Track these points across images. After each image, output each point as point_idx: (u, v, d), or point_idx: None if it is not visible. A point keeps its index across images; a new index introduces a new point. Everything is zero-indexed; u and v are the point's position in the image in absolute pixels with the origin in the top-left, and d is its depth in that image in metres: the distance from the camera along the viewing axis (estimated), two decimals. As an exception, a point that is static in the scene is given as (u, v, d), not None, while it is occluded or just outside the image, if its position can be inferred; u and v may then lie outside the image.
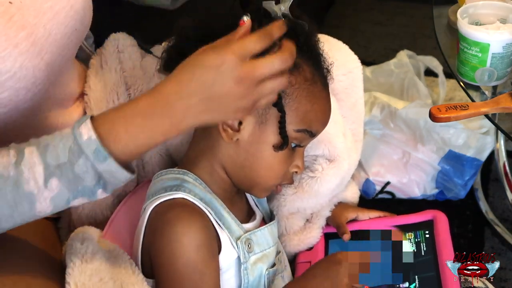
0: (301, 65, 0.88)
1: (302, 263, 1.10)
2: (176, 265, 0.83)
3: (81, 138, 0.73)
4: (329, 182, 1.06)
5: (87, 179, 0.75)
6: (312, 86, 0.89)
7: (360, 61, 1.11)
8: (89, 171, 0.74)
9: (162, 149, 1.07)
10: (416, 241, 1.07)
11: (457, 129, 1.51)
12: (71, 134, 0.74)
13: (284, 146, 0.89)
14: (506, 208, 1.54)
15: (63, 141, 0.74)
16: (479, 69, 1.09)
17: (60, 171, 0.74)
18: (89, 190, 0.76)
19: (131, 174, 0.77)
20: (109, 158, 0.73)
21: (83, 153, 0.73)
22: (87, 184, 0.75)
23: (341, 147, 1.06)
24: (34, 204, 0.74)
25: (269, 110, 0.87)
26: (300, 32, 0.89)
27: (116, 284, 0.82)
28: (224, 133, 0.88)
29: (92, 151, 0.73)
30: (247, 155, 0.90)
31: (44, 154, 0.74)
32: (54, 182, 0.74)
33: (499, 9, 1.13)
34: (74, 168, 0.74)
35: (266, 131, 0.88)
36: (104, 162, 0.74)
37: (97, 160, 0.73)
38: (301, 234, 1.11)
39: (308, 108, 0.89)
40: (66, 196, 0.75)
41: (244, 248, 0.91)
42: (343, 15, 2.43)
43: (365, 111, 1.53)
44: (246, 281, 0.92)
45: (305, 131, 0.90)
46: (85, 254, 0.83)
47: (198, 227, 0.85)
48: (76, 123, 0.75)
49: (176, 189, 0.89)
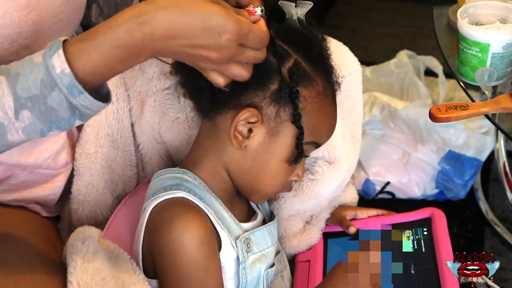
0: (315, 79, 0.88)
1: (301, 262, 1.10)
2: (179, 264, 0.83)
3: (54, 70, 0.69)
4: (329, 184, 1.06)
5: (61, 111, 0.71)
6: (324, 100, 0.89)
7: (359, 63, 1.11)
8: (63, 103, 0.71)
9: (162, 150, 1.07)
10: (416, 238, 1.07)
11: (457, 129, 1.51)
12: (42, 64, 0.70)
13: (298, 160, 0.89)
14: (506, 208, 1.54)
15: (34, 72, 0.70)
16: (479, 69, 1.09)
17: (31, 103, 0.70)
18: (65, 121, 0.73)
19: (107, 102, 0.74)
20: (84, 92, 0.70)
21: (56, 86, 0.70)
22: (61, 116, 0.72)
23: (340, 149, 1.06)
24: (5, 135, 0.72)
25: (281, 123, 0.87)
26: (315, 43, 0.88)
27: (118, 283, 0.82)
28: (234, 140, 0.88)
29: (65, 85, 0.69)
30: (254, 162, 0.90)
31: (13, 85, 0.70)
32: (26, 114, 0.71)
33: (499, 9, 1.13)
34: (47, 100, 0.70)
35: (276, 142, 0.89)
36: (79, 96, 0.70)
37: (71, 95, 0.70)
38: (301, 235, 1.11)
39: (318, 121, 0.90)
40: (39, 127, 0.73)
41: (243, 247, 0.91)
42: (343, 15, 2.43)
43: (365, 111, 1.54)
44: (245, 281, 0.92)
45: (313, 143, 0.91)
46: (86, 253, 0.83)
47: (198, 224, 0.85)
48: (47, 50, 0.70)
49: (176, 188, 0.89)
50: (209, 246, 0.85)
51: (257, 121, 0.87)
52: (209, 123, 0.92)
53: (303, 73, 0.86)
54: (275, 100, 0.86)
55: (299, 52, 0.87)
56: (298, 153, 0.89)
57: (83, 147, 1.00)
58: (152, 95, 1.02)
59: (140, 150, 1.06)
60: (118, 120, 1.01)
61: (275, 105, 0.86)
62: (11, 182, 0.94)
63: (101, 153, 1.01)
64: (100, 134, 1.00)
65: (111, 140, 1.02)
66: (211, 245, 0.86)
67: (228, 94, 0.84)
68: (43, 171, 0.97)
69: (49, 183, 1.00)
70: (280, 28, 0.87)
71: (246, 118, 0.87)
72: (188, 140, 1.04)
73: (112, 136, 1.01)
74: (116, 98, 1.01)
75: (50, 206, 1.03)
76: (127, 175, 1.05)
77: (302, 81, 0.86)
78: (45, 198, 1.01)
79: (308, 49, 0.87)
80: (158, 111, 1.03)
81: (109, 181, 1.03)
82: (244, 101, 0.87)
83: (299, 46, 0.87)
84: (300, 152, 0.89)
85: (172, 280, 0.84)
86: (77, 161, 1.00)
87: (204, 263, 0.84)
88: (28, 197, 0.98)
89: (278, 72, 0.85)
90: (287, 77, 0.85)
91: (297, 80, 0.85)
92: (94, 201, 1.02)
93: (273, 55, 0.84)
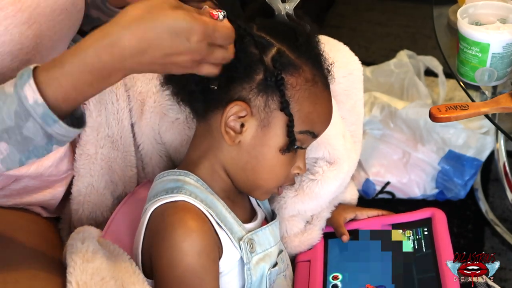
0: (300, 66, 0.88)
1: (302, 262, 1.10)
2: (175, 270, 0.84)
3: (27, 101, 0.69)
4: (330, 184, 1.06)
5: (38, 140, 0.72)
6: (314, 87, 0.89)
7: (360, 63, 1.11)
8: (39, 132, 0.71)
9: (162, 151, 1.07)
10: (417, 238, 1.07)
11: (457, 129, 1.51)
12: (14, 95, 0.70)
13: (291, 148, 0.89)
14: (506, 208, 1.54)
15: (7, 104, 0.70)
16: (479, 69, 1.09)
17: (7, 134, 0.71)
18: (42, 148, 0.74)
19: (82, 127, 0.75)
20: (58, 121, 0.71)
21: (30, 116, 0.70)
22: (38, 144, 0.73)
23: (341, 149, 1.06)
24: None
25: (271, 113, 0.87)
26: (300, 33, 0.89)
27: (117, 283, 0.82)
28: (226, 136, 0.88)
29: (39, 116, 0.70)
30: (249, 157, 0.90)
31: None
32: (3, 145, 0.72)
33: (499, 9, 1.13)
34: (23, 131, 0.71)
35: (268, 133, 0.88)
36: (54, 125, 0.71)
37: (45, 124, 0.71)
38: (302, 235, 1.11)
39: (310, 109, 0.89)
40: (18, 157, 0.73)
41: (246, 248, 0.91)
42: (343, 15, 2.43)
43: (365, 111, 1.54)
44: (250, 282, 0.92)
45: (307, 132, 0.90)
46: (86, 253, 0.83)
47: (199, 232, 0.85)
48: (18, 80, 0.71)
49: (177, 191, 0.89)
50: (207, 256, 0.85)
51: (246, 114, 0.87)
52: (203, 124, 0.93)
53: (287, 61, 0.87)
54: (262, 91, 0.86)
55: (283, 42, 0.87)
56: (291, 141, 0.88)
57: (83, 148, 1.00)
58: (152, 96, 1.02)
59: (140, 150, 1.06)
60: (118, 120, 1.01)
61: (263, 95, 0.87)
62: (13, 187, 0.94)
63: (101, 154, 1.01)
64: (100, 135, 1.00)
65: (111, 141, 1.01)
66: (210, 254, 0.86)
67: (216, 91, 0.85)
68: (45, 178, 0.97)
69: (50, 189, 1.00)
70: (264, 22, 0.89)
71: (235, 112, 0.87)
72: (188, 140, 1.04)
73: (112, 137, 1.01)
74: (116, 99, 1.01)
75: (51, 209, 1.03)
76: (127, 175, 1.05)
77: (287, 68, 0.86)
78: (46, 202, 1.01)
79: (293, 39, 0.88)
80: (158, 112, 1.03)
81: (109, 182, 1.03)
82: (233, 96, 0.87)
83: (283, 36, 0.88)
84: (293, 140, 0.88)
85: (167, 285, 0.85)
86: (77, 162, 1.00)
87: (200, 273, 0.84)
88: (28, 202, 0.98)
89: (261, 62, 0.85)
90: (270, 65, 0.85)
91: (281, 68, 0.85)
92: (94, 202, 1.02)
93: (255, 47, 0.85)
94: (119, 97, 1.01)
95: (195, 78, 0.82)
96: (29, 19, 0.81)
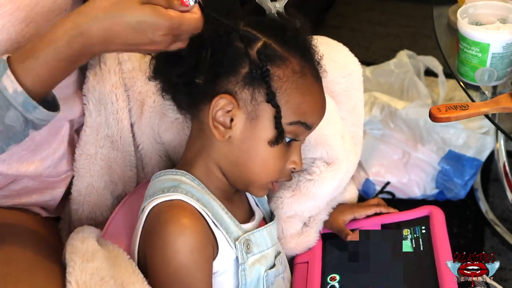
0: (288, 58, 0.88)
1: (300, 264, 1.10)
2: (167, 267, 0.84)
3: (6, 91, 0.73)
4: (327, 185, 1.06)
5: (17, 126, 0.76)
6: (302, 78, 0.89)
7: (360, 63, 1.11)
8: (19, 119, 0.75)
9: (161, 150, 1.07)
10: (414, 236, 1.07)
11: (457, 129, 1.51)
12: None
13: (280, 140, 0.88)
14: (506, 208, 1.54)
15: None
16: (479, 69, 1.09)
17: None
18: (20, 134, 0.77)
19: (58, 110, 0.79)
20: (38, 107, 0.74)
21: (11, 106, 0.74)
22: (17, 130, 0.76)
23: (339, 149, 1.06)
24: None
25: (258, 105, 0.87)
26: (290, 28, 0.89)
27: (117, 283, 0.82)
28: (215, 131, 0.88)
29: (20, 104, 0.74)
30: (240, 152, 0.89)
31: None
32: None
33: (499, 9, 1.13)
34: (5, 120, 0.74)
35: (257, 126, 0.88)
36: (34, 111, 0.75)
37: (26, 111, 0.74)
38: (298, 238, 1.10)
39: (300, 100, 0.89)
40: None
41: (242, 249, 0.91)
42: (343, 15, 2.43)
43: (365, 111, 1.54)
44: (244, 283, 0.91)
45: (298, 123, 0.90)
46: (85, 253, 0.83)
47: (192, 230, 0.85)
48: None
49: (174, 190, 0.88)
50: (200, 254, 0.85)
51: (233, 107, 0.87)
52: (196, 122, 0.93)
53: (273, 53, 0.87)
54: (248, 83, 0.86)
55: (270, 35, 0.88)
56: (279, 133, 0.88)
57: (83, 148, 1.00)
58: (152, 96, 1.02)
59: (139, 150, 1.06)
60: (118, 120, 1.01)
61: (249, 88, 0.87)
62: (12, 188, 0.94)
63: (101, 154, 1.01)
64: (99, 135, 1.00)
65: (111, 141, 1.01)
66: (204, 252, 0.86)
67: (202, 86, 0.85)
68: (44, 178, 0.97)
69: (49, 190, 1.00)
70: (252, 19, 0.90)
71: (222, 106, 0.87)
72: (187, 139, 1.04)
73: (112, 137, 1.01)
74: (116, 99, 1.01)
75: (50, 209, 1.03)
76: (127, 175, 1.05)
77: (274, 60, 0.87)
78: (46, 203, 1.01)
79: (281, 33, 0.88)
80: (158, 112, 1.03)
81: (109, 182, 1.03)
82: (219, 90, 0.87)
83: (270, 30, 0.88)
84: (281, 132, 0.88)
85: (159, 283, 0.85)
86: (77, 162, 1.00)
87: (192, 271, 0.84)
88: (28, 202, 0.98)
89: (247, 55, 0.85)
90: (256, 58, 0.86)
91: (266, 60, 0.86)
92: (94, 202, 1.02)
93: (240, 41, 0.85)
94: (118, 97, 1.01)
95: (178, 71, 0.85)
96: (27, 18, 0.82)
